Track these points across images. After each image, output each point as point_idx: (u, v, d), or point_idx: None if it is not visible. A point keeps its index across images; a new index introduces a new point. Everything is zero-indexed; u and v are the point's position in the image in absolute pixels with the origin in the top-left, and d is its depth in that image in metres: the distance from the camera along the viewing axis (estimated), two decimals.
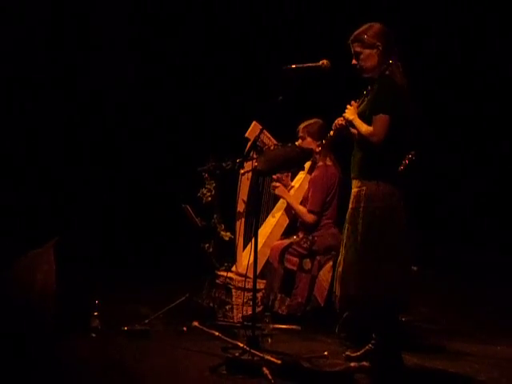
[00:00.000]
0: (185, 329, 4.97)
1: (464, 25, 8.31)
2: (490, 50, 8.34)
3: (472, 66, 8.39)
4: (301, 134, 5.62)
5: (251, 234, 5.18)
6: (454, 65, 8.43)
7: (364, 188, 4.03)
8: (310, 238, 5.45)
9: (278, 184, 5.64)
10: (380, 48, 4.05)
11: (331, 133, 4.34)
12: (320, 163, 5.60)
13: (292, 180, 5.86)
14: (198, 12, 8.69)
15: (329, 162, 5.59)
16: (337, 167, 5.59)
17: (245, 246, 5.54)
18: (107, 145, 8.52)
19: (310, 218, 5.53)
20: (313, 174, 5.61)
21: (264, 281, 5.44)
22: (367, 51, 4.09)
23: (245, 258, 5.42)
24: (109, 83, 8.34)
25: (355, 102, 4.20)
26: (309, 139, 5.59)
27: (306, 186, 5.65)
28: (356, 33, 4.13)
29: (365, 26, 4.12)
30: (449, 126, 8.55)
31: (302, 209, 5.58)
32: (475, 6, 8.18)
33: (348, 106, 4.18)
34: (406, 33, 5.74)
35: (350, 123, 4.11)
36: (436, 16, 8.30)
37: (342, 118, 4.20)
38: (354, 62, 4.15)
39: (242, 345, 4.24)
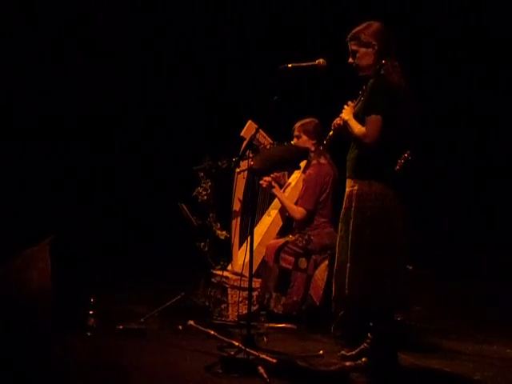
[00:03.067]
0: (180, 327, 4.97)
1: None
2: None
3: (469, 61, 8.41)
4: (296, 133, 5.62)
5: (247, 232, 5.18)
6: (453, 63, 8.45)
7: (356, 187, 4.04)
8: (306, 237, 5.44)
9: (268, 179, 5.63)
10: (376, 47, 4.05)
11: (331, 133, 4.33)
12: (314, 161, 5.60)
13: (288, 178, 5.86)
14: (197, 12, 8.68)
15: (323, 161, 5.58)
16: (332, 166, 5.59)
17: (240, 245, 5.54)
18: (105, 144, 8.51)
19: (299, 214, 5.52)
20: (306, 172, 5.61)
21: (259, 280, 5.45)
22: (363, 50, 4.09)
23: (240, 256, 5.42)
24: (107, 81, 8.34)
25: (352, 102, 4.20)
26: (304, 138, 5.58)
27: (301, 186, 5.65)
28: (353, 31, 4.13)
29: (363, 25, 4.12)
30: (447, 125, 8.56)
31: (291, 205, 5.58)
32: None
33: (345, 106, 4.18)
34: (405, 32, 5.73)
35: (345, 123, 4.11)
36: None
37: (340, 118, 4.19)
38: (350, 60, 4.15)
39: (237, 344, 4.25)
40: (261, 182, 5.59)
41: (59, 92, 8.26)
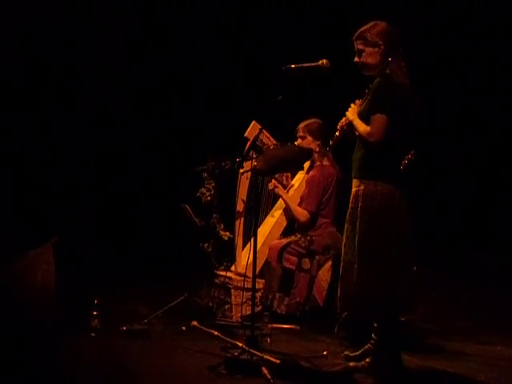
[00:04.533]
0: (184, 328, 4.96)
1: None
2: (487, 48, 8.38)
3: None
4: (301, 134, 5.61)
5: (250, 233, 5.19)
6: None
7: (362, 187, 4.03)
8: (308, 237, 5.44)
9: (272, 181, 5.64)
10: (382, 47, 4.05)
11: (337, 133, 4.32)
12: (317, 163, 5.60)
13: (292, 179, 5.86)
14: (198, 12, 8.68)
15: (326, 162, 5.58)
16: (335, 167, 5.59)
17: (244, 246, 5.54)
18: (107, 145, 8.52)
19: (303, 217, 5.53)
20: (310, 174, 5.61)
21: (263, 280, 5.44)
22: (369, 49, 4.08)
23: (244, 257, 5.42)
24: (107, 81, 8.34)
25: (359, 100, 4.19)
26: (309, 138, 5.58)
27: (304, 187, 5.65)
28: (360, 30, 4.13)
29: (369, 24, 4.12)
30: (447, 125, 8.56)
31: (296, 207, 5.58)
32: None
33: (352, 105, 4.17)
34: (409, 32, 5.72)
35: (350, 123, 4.11)
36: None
37: (345, 118, 4.19)
38: (356, 59, 4.15)
39: (241, 344, 4.24)
40: (270, 187, 5.60)
41: (59, 92, 8.27)
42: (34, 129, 8.07)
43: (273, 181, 5.64)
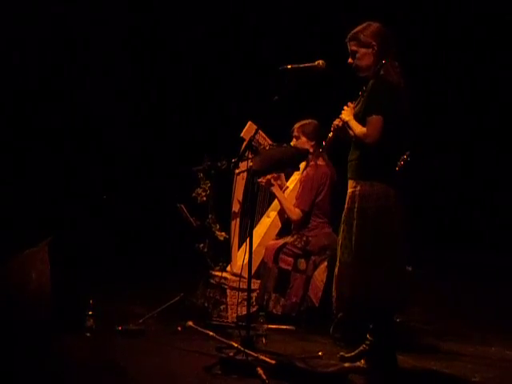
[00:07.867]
0: (179, 328, 4.96)
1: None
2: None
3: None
4: (295, 134, 5.62)
5: (246, 233, 5.18)
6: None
7: (358, 188, 4.04)
8: (305, 238, 5.44)
9: (268, 176, 5.61)
10: (376, 48, 4.06)
11: (330, 134, 4.33)
12: (311, 163, 5.60)
13: (287, 180, 5.86)
14: (197, 11, 8.68)
15: (320, 162, 5.58)
16: (330, 167, 5.59)
17: (240, 246, 5.54)
18: (105, 145, 8.51)
19: (295, 215, 5.53)
20: (303, 173, 5.62)
21: (259, 281, 5.44)
22: (363, 50, 4.09)
23: (239, 257, 5.42)
24: (105, 80, 8.34)
25: (352, 102, 4.21)
26: (303, 139, 5.58)
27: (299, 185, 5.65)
28: (353, 31, 4.14)
29: (362, 25, 4.13)
30: (447, 124, 8.56)
31: (289, 205, 5.58)
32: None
33: (345, 107, 4.18)
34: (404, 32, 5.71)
35: (346, 124, 4.12)
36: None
37: (339, 119, 4.20)
38: (350, 60, 4.16)
39: (236, 345, 4.24)
40: (259, 180, 5.58)
41: (58, 91, 8.27)
42: (33, 129, 8.07)
43: (267, 176, 5.61)
